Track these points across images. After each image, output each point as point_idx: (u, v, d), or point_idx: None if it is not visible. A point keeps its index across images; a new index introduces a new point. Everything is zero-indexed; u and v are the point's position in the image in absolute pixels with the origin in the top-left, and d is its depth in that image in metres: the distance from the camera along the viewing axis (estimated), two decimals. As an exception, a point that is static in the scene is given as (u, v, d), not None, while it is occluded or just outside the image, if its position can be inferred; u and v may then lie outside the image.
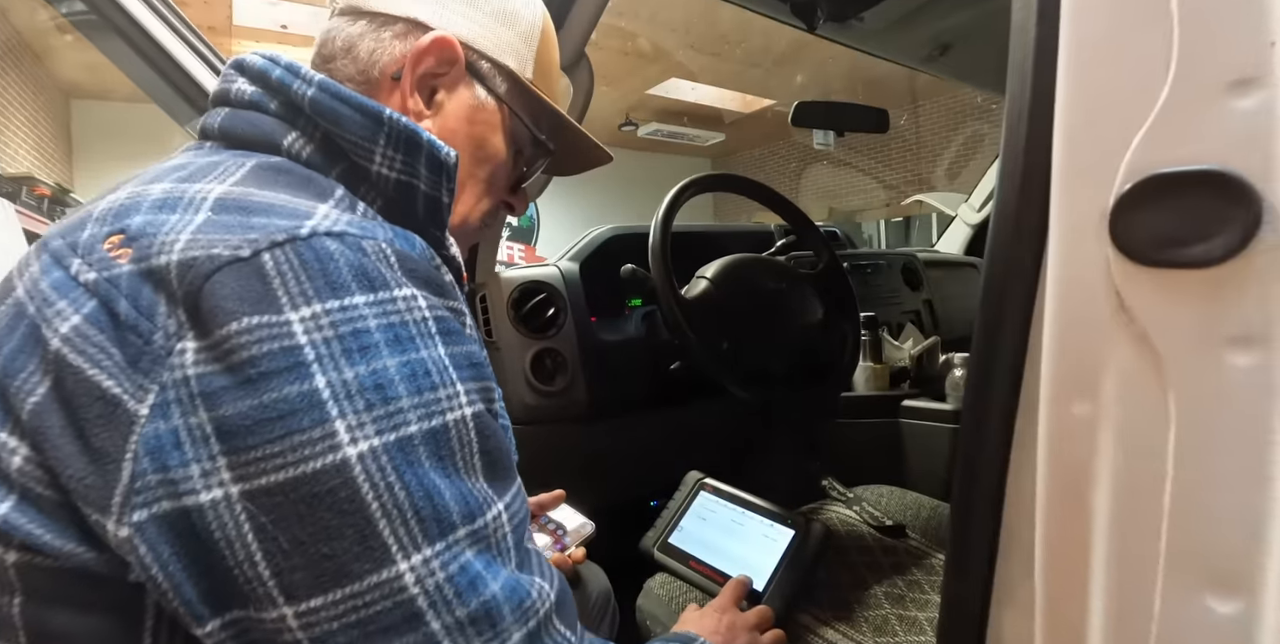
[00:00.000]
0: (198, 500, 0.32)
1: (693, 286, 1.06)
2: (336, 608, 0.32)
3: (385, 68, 0.50)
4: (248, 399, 0.32)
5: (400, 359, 0.35)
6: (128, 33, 1.03)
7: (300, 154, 0.45)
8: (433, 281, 0.40)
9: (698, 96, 6.71)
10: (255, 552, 0.32)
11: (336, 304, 0.34)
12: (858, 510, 1.07)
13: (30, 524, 0.34)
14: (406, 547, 0.34)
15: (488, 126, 0.54)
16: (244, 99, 0.46)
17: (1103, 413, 0.24)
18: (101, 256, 0.36)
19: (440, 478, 0.35)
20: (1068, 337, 0.25)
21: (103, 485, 0.32)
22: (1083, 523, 0.24)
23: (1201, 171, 0.22)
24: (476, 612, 0.35)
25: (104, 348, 0.33)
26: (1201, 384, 0.22)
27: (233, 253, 0.34)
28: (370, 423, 0.33)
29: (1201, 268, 0.22)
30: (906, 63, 1.67)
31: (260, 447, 0.32)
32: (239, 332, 0.32)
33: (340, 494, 0.32)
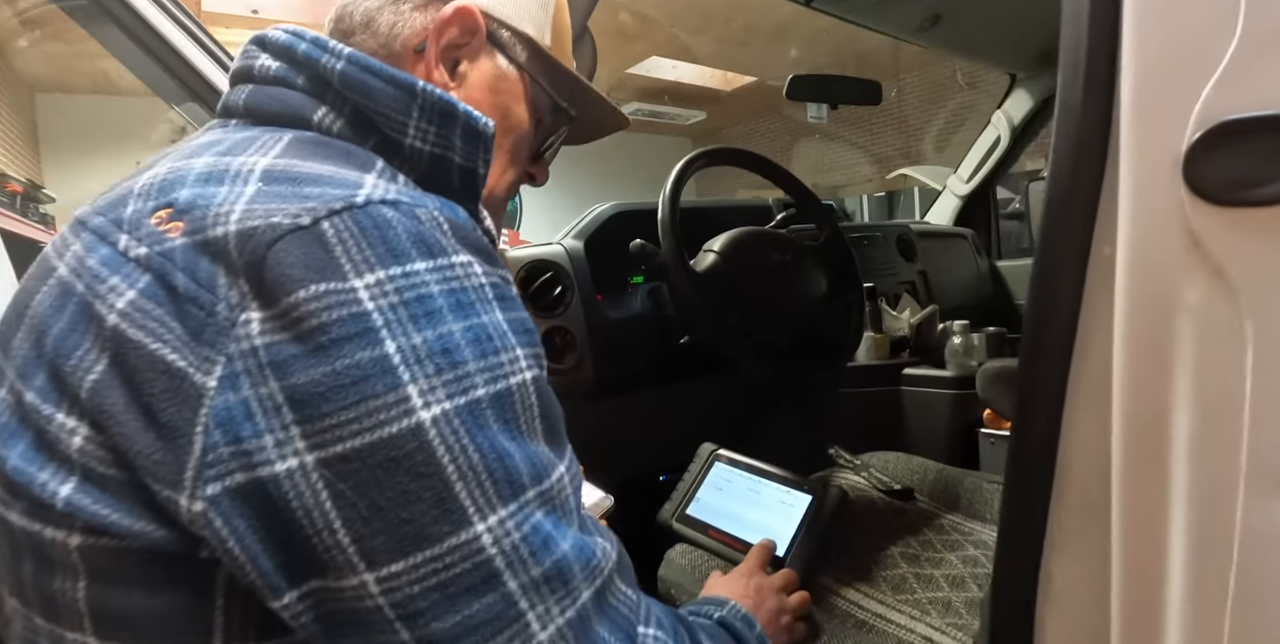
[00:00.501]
0: (273, 470, 0.32)
1: (701, 260, 1.07)
2: (417, 572, 0.33)
3: (407, 40, 0.49)
4: (320, 366, 0.32)
5: (464, 324, 0.35)
6: (117, 14, 1.01)
7: (331, 128, 0.44)
8: (483, 249, 0.40)
9: (678, 75, 6.67)
10: (334, 519, 0.32)
11: (399, 271, 0.34)
12: (866, 476, 1.09)
13: (95, 505, 0.33)
14: (483, 508, 0.34)
15: (511, 96, 0.54)
16: (269, 75, 0.46)
17: (1179, 343, 0.25)
18: (151, 231, 0.36)
19: (508, 440, 0.36)
20: (1142, 275, 0.26)
21: (173, 460, 0.32)
22: (1163, 446, 0.25)
23: (1272, 116, 0.24)
24: (550, 571, 0.35)
25: (164, 322, 0.33)
26: (1275, 309, 0.23)
27: (293, 221, 0.34)
28: (441, 387, 0.33)
29: (1274, 205, 0.24)
30: (898, 34, 1.67)
31: (335, 413, 0.32)
32: (307, 299, 0.32)
33: (417, 458, 0.33)
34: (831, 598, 0.82)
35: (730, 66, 6.55)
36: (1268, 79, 0.24)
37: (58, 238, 0.42)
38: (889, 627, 0.76)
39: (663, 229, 0.98)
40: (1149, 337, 0.26)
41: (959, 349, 1.37)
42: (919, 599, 0.81)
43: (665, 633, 0.43)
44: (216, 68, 1.05)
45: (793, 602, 0.74)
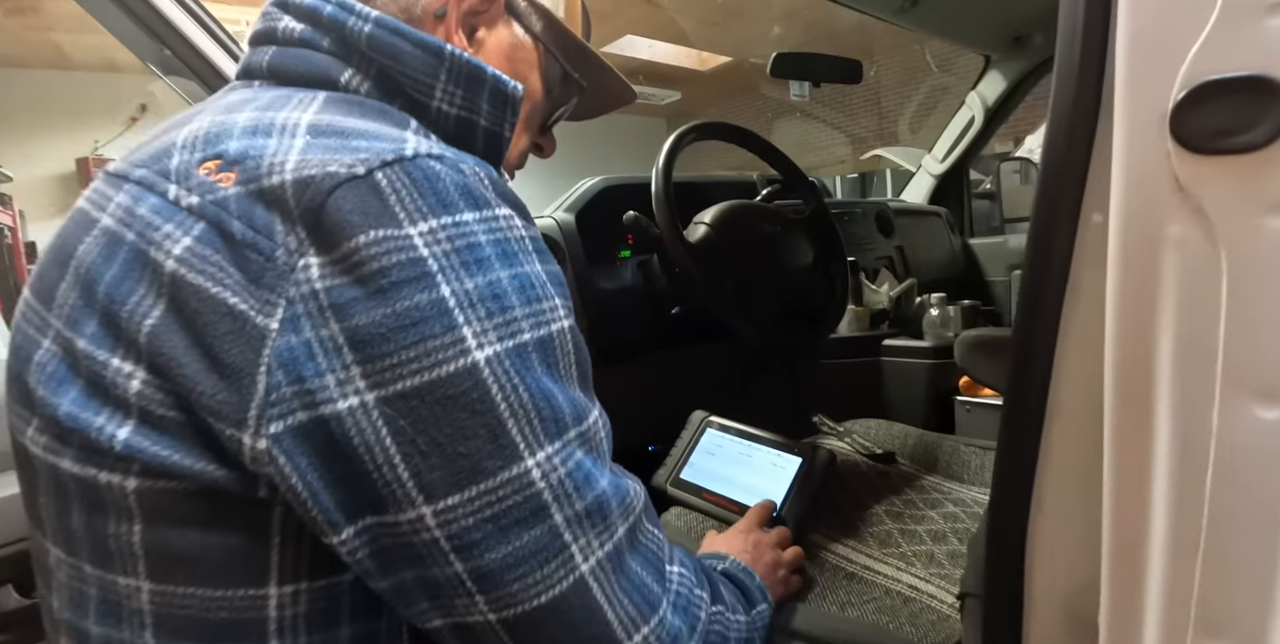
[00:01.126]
0: (335, 408, 0.33)
1: (693, 231, 1.09)
2: (472, 504, 0.34)
3: (428, 5, 0.49)
4: (380, 308, 0.33)
5: (510, 272, 0.37)
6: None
7: (359, 90, 0.45)
8: (520, 205, 0.41)
9: (653, 54, 6.62)
10: (394, 455, 0.33)
11: (450, 220, 0.36)
12: (849, 442, 1.14)
13: (155, 446, 0.34)
14: (532, 444, 0.36)
15: (526, 64, 0.55)
16: (293, 37, 0.46)
17: (1164, 274, 0.29)
18: (202, 181, 0.36)
19: (551, 383, 0.37)
20: (1132, 216, 0.29)
21: (237, 400, 0.33)
22: (1148, 364, 0.29)
23: (1246, 76, 0.27)
24: (591, 505, 0.38)
25: (222, 267, 0.34)
26: (1247, 243, 0.27)
27: (349, 170, 0.35)
28: (492, 330, 0.35)
29: (1247, 152, 0.27)
30: (878, 14, 1.70)
31: (395, 353, 0.33)
32: (366, 244, 0.33)
33: (473, 395, 0.34)
34: (823, 553, 0.86)
35: (706, 46, 6.53)
36: (1244, 44, 0.27)
37: (91, 192, 0.42)
38: (877, 578, 0.81)
39: (657, 201, 1.00)
40: (1138, 270, 0.29)
41: (936, 321, 1.42)
42: (904, 552, 0.85)
43: (689, 571, 0.46)
44: (207, 37, 1.03)
45: (788, 556, 0.78)
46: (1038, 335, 0.33)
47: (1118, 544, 0.31)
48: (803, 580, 0.80)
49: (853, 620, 0.74)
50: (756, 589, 0.63)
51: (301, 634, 0.37)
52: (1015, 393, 0.36)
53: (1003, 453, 0.37)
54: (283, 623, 0.36)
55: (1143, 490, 0.29)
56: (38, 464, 0.38)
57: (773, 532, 0.81)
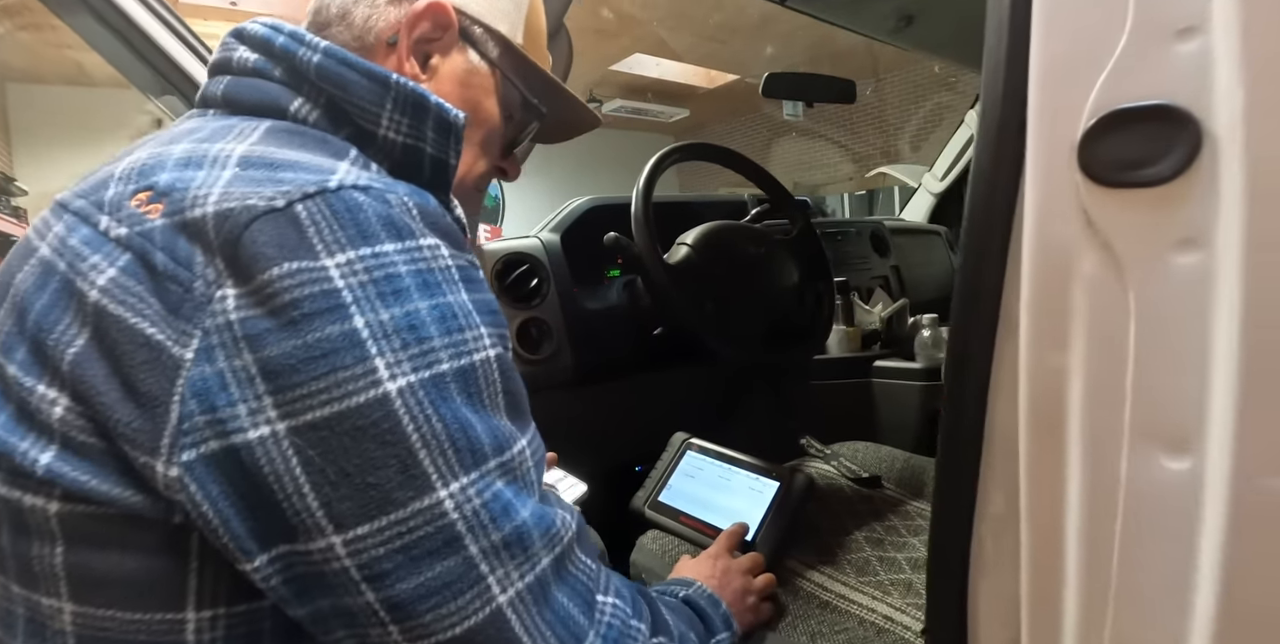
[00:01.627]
0: (245, 438, 0.33)
1: (674, 252, 1.09)
2: (382, 535, 0.34)
3: (381, 33, 0.51)
4: (291, 339, 0.33)
5: (430, 302, 0.37)
6: (93, 3, 1.00)
7: (307, 119, 0.46)
8: (451, 234, 0.41)
9: (661, 72, 6.68)
10: (304, 484, 0.34)
11: (369, 251, 0.36)
12: (835, 465, 1.12)
13: (74, 472, 0.35)
14: (445, 475, 0.36)
15: (481, 90, 0.55)
16: (246, 67, 0.47)
17: (1075, 312, 0.28)
18: (131, 213, 0.37)
19: (471, 413, 0.37)
20: (1043, 252, 0.28)
21: (151, 428, 0.33)
22: (1060, 408, 0.28)
23: (1153, 106, 0.26)
24: (510, 536, 0.37)
25: (143, 298, 0.35)
26: (1155, 281, 0.26)
27: (268, 203, 0.35)
28: (407, 360, 0.35)
29: (1154, 186, 0.26)
30: (872, 35, 1.70)
31: (306, 384, 0.33)
32: (280, 276, 0.34)
33: (383, 426, 0.34)
34: (797, 580, 0.84)
35: (712, 64, 6.58)
36: (1152, 71, 0.26)
37: (39, 220, 0.43)
38: (852, 607, 0.79)
39: (636, 223, 1.00)
40: (1050, 308, 0.28)
41: (928, 342, 1.40)
42: (881, 581, 0.83)
43: (624, 602, 0.45)
44: (193, 57, 1.05)
45: (758, 583, 0.76)
46: (967, 381, 0.32)
47: (1034, 592, 0.29)
48: (774, 608, 0.78)
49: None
50: (719, 617, 0.62)
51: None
52: (948, 442, 0.35)
53: (939, 505, 0.36)
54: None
55: (1056, 539, 0.28)
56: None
57: (744, 557, 0.79)
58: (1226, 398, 0.24)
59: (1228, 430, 0.24)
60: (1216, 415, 0.24)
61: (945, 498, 0.37)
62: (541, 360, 1.18)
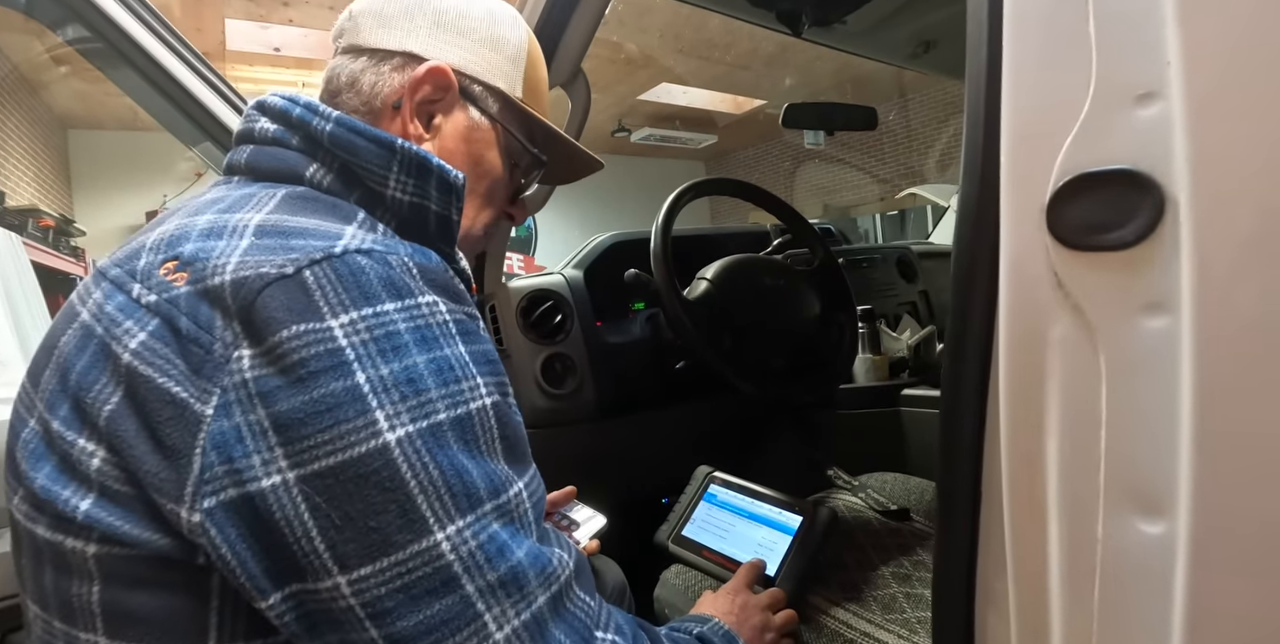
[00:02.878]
0: (260, 486, 0.36)
1: (694, 287, 1.10)
2: (383, 575, 0.37)
3: (386, 98, 0.55)
4: (300, 396, 0.37)
5: (428, 357, 0.40)
6: (133, 58, 1.06)
7: (322, 183, 0.50)
8: (450, 289, 0.44)
9: (689, 100, 6.76)
10: (311, 528, 0.36)
11: (370, 311, 0.39)
12: (863, 497, 1.10)
13: (110, 518, 0.38)
14: (442, 518, 0.38)
15: (483, 144, 0.59)
16: (267, 136, 0.51)
17: (1050, 374, 0.28)
18: (160, 281, 0.41)
19: (467, 459, 0.40)
20: (1018, 313, 0.29)
21: (176, 478, 0.37)
22: (1039, 467, 0.28)
23: (1116, 170, 0.27)
24: (505, 576, 0.39)
25: (170, 359, 0.38)
26: (1124, 345, 0.26)
27: (278, 271, 0.39)
28: (405, 412, 0.38)
29: (1120, 250, 0.27)
30: (891, 61, 1.71)
31: (313, 436, 0.36)
32: (289, 338, 0.37)
33: (383, 474, 0.37)
34: (821, 617, 0.83)
35: (738, 90, 6.64)
36: (1115, 136, 0.27)
37: (81, 286, 0.48)
38: (877, 646, 0.78)
39: (655, 260, 1.01)
40: (1024, 370, 0.29)
41: (956, 369, 1.38)
42: (908, 619, 0.82)
43: (624, 639, 0.46)
44: (228, 108, 1.10)
45: (778, 620, 0.76)
46: (959, 445, 0.32)
47: (1024, 641, 0.29)
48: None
49: (845, 694, 0.71)
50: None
51: None
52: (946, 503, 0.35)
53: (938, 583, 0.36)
54: None
55: (1039, 598, 0.28)
56: (20, 530, 0.43)
57: (764, 593, 0.79)
58: (1186, 464, 0.24)
59: (1187, 496, 0.24)
60: (1185, 477, 0.24)
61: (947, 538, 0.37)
62: (565, 395, 1.19)
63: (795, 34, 1.41)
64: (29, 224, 3.89)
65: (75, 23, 1.04)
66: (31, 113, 5.14)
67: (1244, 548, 0.24)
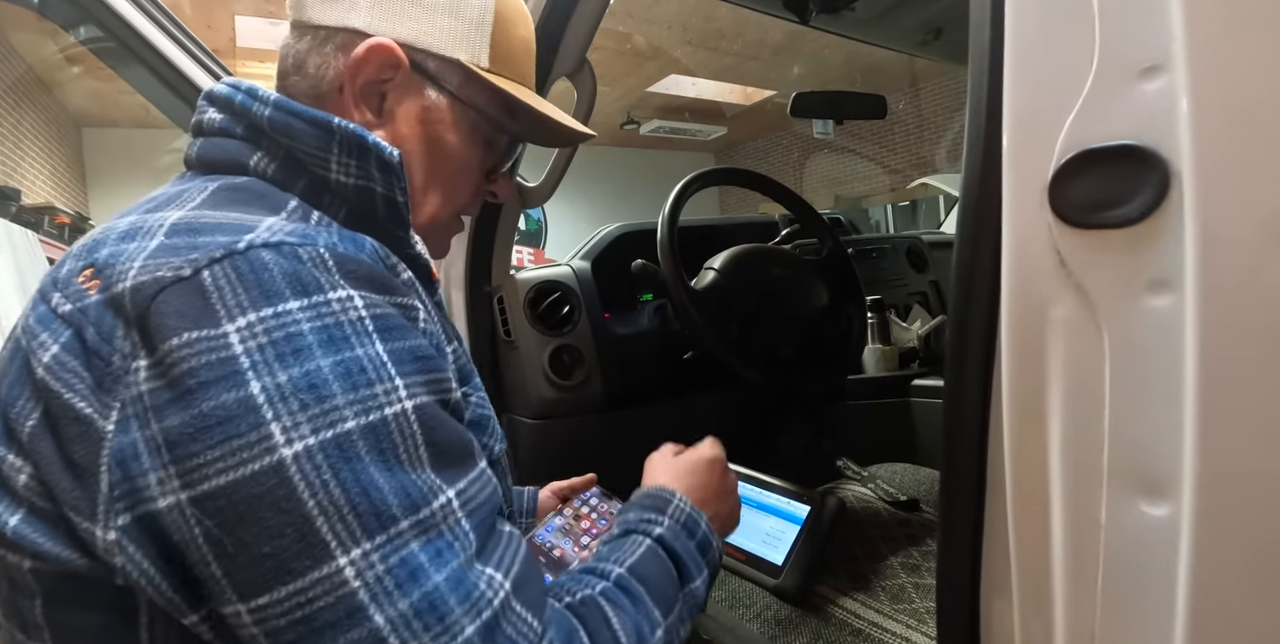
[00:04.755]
0: (157, 506, 0.34)
1: (701, 278, 1.10)
2: (282, 605, 0.33)
3: (332, 82, 0.50)
4: (188, 410, 0.34)
5: (334, 359, 0.36)
6: (144, 56, 1.07)
7: (265, 171, 0.47)
8: (376, 280, 0.41)
9: (698, 91, 6.73)
10: (207, 553, 0.34)
11: (270, 312, 0.36)
12: (873, 488, 1.10)
13: (34, 534, 0.37)
14: (345, 542, 0.34)
15: (442, 125, 0.54)
16: (214, 127, 0.48)
17: (1052, 354, 0.27)
18: (77, 289, 0.38)
19: (380, 472, 0.36)
20: (1020, 293, 0.28)
21: (88, 497, 0.35)
22: (1042, 451, 0.28)
23: (1120, 146, 0.26)
24: (420, 604, 0.35)
25: (77, 372, 0.36)
26: (1127, 323, 0.26)
27: (174, 273, 0.36)
28: (305, 422, 0.34)
29: (1123, 227, 0.26)
30: (901, 49, 1.69)
31: (201, 453, 0.33)
32: (179, 346, 0.34)
33: (278, 493, 0.33)
34: (829, 607, 0.83)
35: (747, 81, 6.60)
36: (1119, 111, 0.26)
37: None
38: (885, 636, 0.78)
39: (661, 250, 1.01)
40: (1027, 351, 0.28)
41: (967, 359, 1.37)
42: (916, 609, 0.82)
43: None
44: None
45: (734, 479, 0.70)
46: (963, 430, 0.32)
47: (1027, 626, 0.29)
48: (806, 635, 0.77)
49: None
50: (695, 552, 0.55)
51: None
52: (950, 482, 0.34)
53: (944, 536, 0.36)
54: None
55: (1042, 583, 0.28)
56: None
57: (706, 443, 0.73)
58: (1190, 442, 0.23)
59: (1191, 478, 0.23)
60: (1191, 459, 0.24)
61: (951, 526, 0.37)
62: (573, 386, 1.19)
63: (803, 22, 1.39)
64: (45, 221, 3.93)
65: (87, 22, 1.05)
66: (46, 112, 5.19)
67: (1249, 530, 0.24)
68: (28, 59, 4.73)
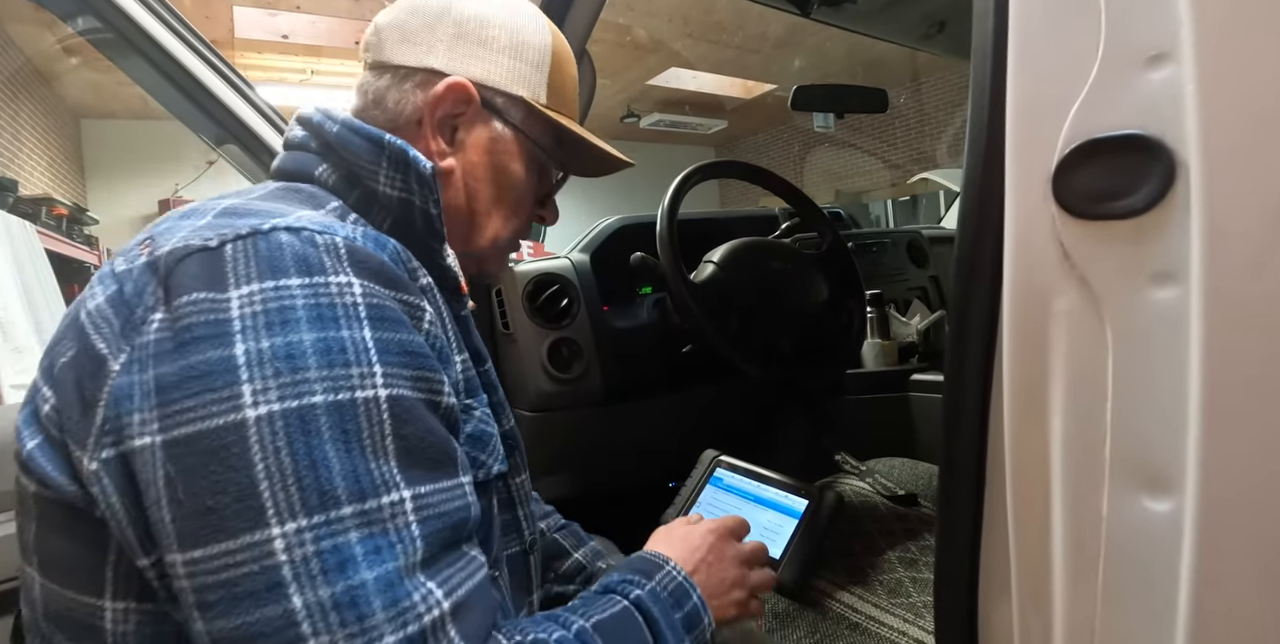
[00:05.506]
0: (134, 445, 0.36)
1: (700, 271, 1.09)
2: (212, 562, 0.34)
3: (410, 116, 0.57)
4: (180, 360, 0.37)
5: (318, 335, 0.38)
6: (143, 47, 1.06)
7: (328, 181, 0.53)
8: (384, 275, 0.43)
9: (698, 84, 6.71)
10: (162, 496, 0.35)
11: (272, 285, 0.39)
12: (871, 482, 1.10)
13: (43, 459, 0.40)
14: (282, 513, 0.35)
15: (507, 155, 0.60)
16: (295, 142, 0.56)
17: (1054, 348, 0.27)
18: (133, 253, 0.43)
19: (336, 452, 0.37)
20: (1022, 286, 0.28)
21: (86, 426, 0.38)
22: (1043, 445, 0.27)
23: (1125, 135, 0.26)
24: (341, 597, 0.34)
25: (109, 319, 0.40)
26: (1131, 316, 0.25)
27: (203, 243, 0.40)
28: (275, 389, 0.36)
29: (1128, 218, 0.26)
30: (903, 42, 1.68)
31: (180, 401, 0.36)
32: (187, 303, 0.38)
33: (233, 451, 0.35)
34: (827, 601, 0.83)
35: (749, 75, 6.58)
36: (1125, 100, 0.26)
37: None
38: (882, 630, 0.78)
39: (660, 243, 1.00)
40: (1028, 344, 0.28)
41: (967, 354, 1.36)
42: (913, 603, 0.82)
43: None
44: (236, 95, 1.10)
45: (755, 577, 0.66)
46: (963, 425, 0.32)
47: (1025, 622, 0.29)
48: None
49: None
50: (678, 623, 0.52)
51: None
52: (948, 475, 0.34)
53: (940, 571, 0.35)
54: (116, 638, 0.40)
55: (1042, 579, 0.27)
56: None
57: (747, 545, 0.68)
58: (1194, 436, 0.23)
59: (1195, 467, 0.23)
60: (1195, 454, 0.23)
61: (949, 522, 0.37)
62: (572, 379, 1.19)
63: (804, 14, 1.38)
64: (43, 213, 3.92)
65: (85, 12, 1.05)
66: (44, 103, 5.16)
67: (1255, 526, 0.23)
68: (26, 50, 4.70)
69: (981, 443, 0.33)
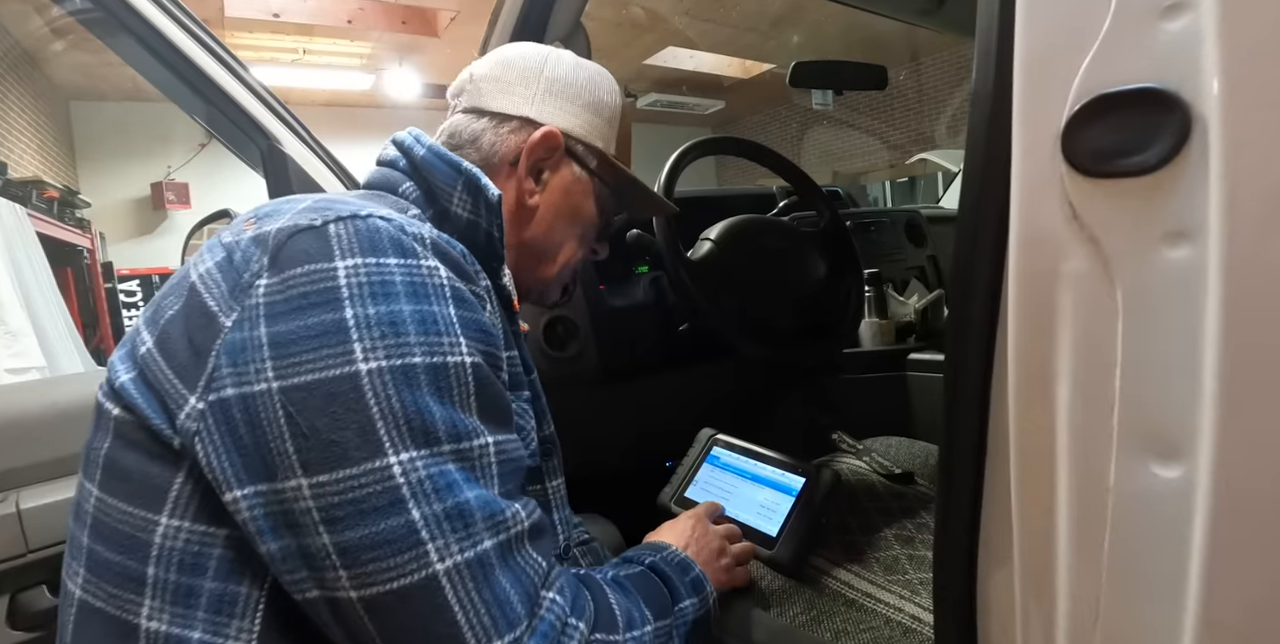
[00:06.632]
0: (251, 389, 0.42)
1: (698, 249, 1.08)
2: (338, 485, 0.41)
3: (504, 156, 0.66)
4: (297, 321, 0.43)
5: (415, 307, 0.45)
6: (132, 26, 1.04)
7: (409, 196, 0.61)
8: (459, 267, 0.50)
9: (696, 64, 6.63)
10: (285, 431, 0.41)
11: (374, 260, 0.45)
12: (867, 461, 1.10)
13: (134, 390, 0.46)
14: (397, 445, 0.42)
15: (582, 196, 0.70)
16: (386, 160, 0.64)
17: (1061, 311, 0.26)
18: (240, 229, 0.50)
19: (434, 402, 0.44)
20: (1029, 247, 0.27)
21: (195, 369, 0.44)
22: (1048, 411, 0.27)
23: (1139, 89, 0.25)
24: (451, 509, 0.42)
25: (218, 282, 0.46)
26: (1143, 277, 0.25)
27: (309, 222, 0.47)
28: (382, 348, 0.43)
29: (1140, 175, 0.25)
30: (904, 18, 1.65)
31: (298, 354, 0.42)
32: (300, 273, 0.44)
33: (350, 396, 0.42)
34: (824, 577, 0.83)
35: (746, 54, 6.50)
36: (1139, 52, 0.25)
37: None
38: (878, 606, 0.78)
39: (657, 220, 0.99)
40: (1034, 306, 0.27)
41: (965, 333, 1.36)
42: (910, 580, 0.82)
43: (564, 599, 0.49)
44: (228, 75, 1.08)
45: (735, 548, 0.79)
46: (965, 386, 0.31)
47: (1026, 596, 0.28)
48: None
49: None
50: (688, 583, 0.65)
51: (173, 570, 0.44)
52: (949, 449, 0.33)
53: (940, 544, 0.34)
54: (161, 552, 0.44)
55: (1045, 553, 0.27)
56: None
57: (721, 526, 0.82)
58: (1210, 401, 0.22)
59: (1210, 434, 0.22)
60: (1206, 420, 0.22)
61: (950, 499, 0.36)
62: (568, 358, 1.18)
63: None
64: (33, 196, 3.88)
65: (74, -9, 1.02)
66: (34, 85, 5.09)
67: (1273, 493, 0.23)
68: (14, 32, 4.62)
69: (983, 411, 0.32)
